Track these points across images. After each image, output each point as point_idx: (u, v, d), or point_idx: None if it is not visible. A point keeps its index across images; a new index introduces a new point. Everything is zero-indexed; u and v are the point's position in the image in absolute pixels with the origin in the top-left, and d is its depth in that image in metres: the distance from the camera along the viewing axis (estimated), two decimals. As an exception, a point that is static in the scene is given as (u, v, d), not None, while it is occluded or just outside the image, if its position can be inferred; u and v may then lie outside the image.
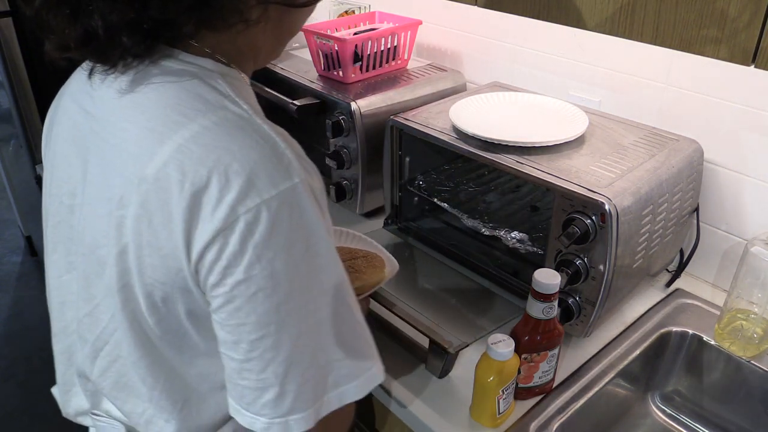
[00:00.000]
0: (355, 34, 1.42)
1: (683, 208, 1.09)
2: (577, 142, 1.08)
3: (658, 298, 1.17)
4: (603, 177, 0.97)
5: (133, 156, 0.61)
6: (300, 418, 0.62)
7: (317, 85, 1.38)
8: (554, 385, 0.97)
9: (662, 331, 1.09)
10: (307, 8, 0.71)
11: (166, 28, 0.59)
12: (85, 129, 0.68)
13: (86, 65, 0.65)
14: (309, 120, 1.40)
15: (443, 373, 0.96)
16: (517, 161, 1.02)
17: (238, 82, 0.66)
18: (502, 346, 0.85)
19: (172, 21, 0.58)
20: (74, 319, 0.75)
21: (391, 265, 1.06)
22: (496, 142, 1.06)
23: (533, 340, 0.89)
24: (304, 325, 0.60)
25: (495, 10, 0.98)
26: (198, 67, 0.63)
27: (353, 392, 0.65)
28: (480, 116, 1.17)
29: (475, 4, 0.99)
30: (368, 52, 1.38)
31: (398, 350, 1.04)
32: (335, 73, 1.40)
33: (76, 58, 0.63)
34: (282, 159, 0.59)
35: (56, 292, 0.78)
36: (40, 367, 2.37)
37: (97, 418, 0.79)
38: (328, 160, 1.35)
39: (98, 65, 0.62)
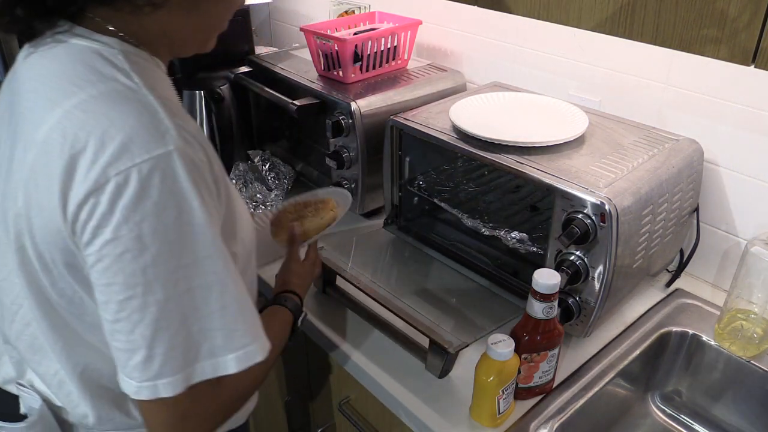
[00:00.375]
0: (355, 34, 1.42)
1: (683, 208, 1.09)
2: (577, 142, 1.08)
3: (658, 298, 1.17)
4: (603, 177, 0.97)
5: (31, 122, 0.66)
6: (168, 382, 0.64)
7: (317, 85, 1.38)
8: (554, 385, 0.97)
9: (662, 331, 1.09)
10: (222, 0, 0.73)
11: (65, 4, 0.64)
12: (8, 105, 0.73)
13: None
14: (309, 120, 1.40)
15: (443, 373, 0.96)
16: (517, 161, 1.02)
17: (143, 62, 0.68)
18: (502, 346, 0.85)
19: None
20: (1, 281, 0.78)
21: (343, 203, 1.07)
22: (496, 142, 1.06)
23: (533, 340, 0.89)
24: (171, 290, 0.62)
25: (495, 10, 0.98)
26: (101, 44, 0.67)
27: (231, 365, 0.67)
28: (480, 116, 1.17)
29: (475, 4, 0.99)
30: (368, 52, 1.38)
31: (398, 350, 1.04)
32: (335, 73, 1.40)
33: None
34: (159, 126, 0.61)
35: None
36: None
37: (21, 388, 0.81)
38: (328, 160, 1.35)
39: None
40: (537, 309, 0.87)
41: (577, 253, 0.96)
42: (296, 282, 0.98)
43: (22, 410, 0.81)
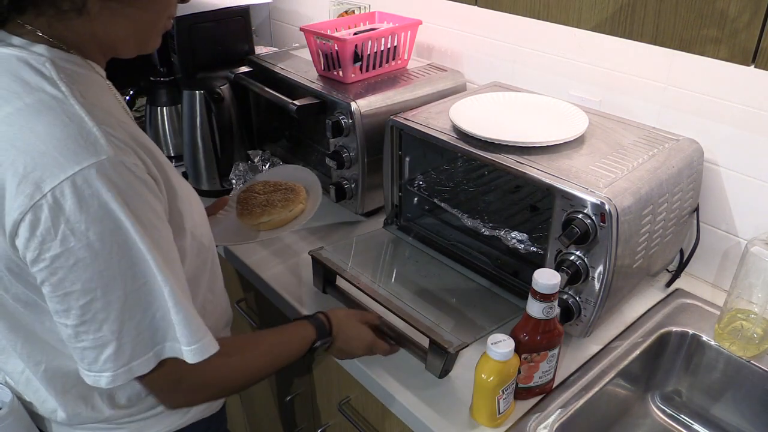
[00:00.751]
0: (355, 34, 1.42)
1: (683, 208, 1.09)
2: (577, 142, 1.08)
3: (658, 298, 1.17)
4: (603, 177, 0.97)
5: None
6: (141, 362, 0.69)
7: (317, 85, 1.38)
8: (554, 385, 0.97)
9: (662, 331, 1.09)
10: (147, 6, 0.72)
11: (26, 14, 0.65)
12: None
13: None
14: (309, 120, 1.40)
15: (443, 373, 0.96)
16: (517, 161, 1.02)
17: (74, 68, 0.69)
18: (502, 346, 0.85)
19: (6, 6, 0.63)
20: None
21: (313, 199, 1.06)
22: (496, 142, 1.06)
23: (533, 340, 0.89)
24: (129, 286, 0.65)
25: (495, 10, 0.98)
26: (29, 52, 0.67)
27: (188, 356, 0.71)
28: (480, 116, 1.17)
29: (475, 4, 0.99)
30: (368, 52, 1.38)
31: (398, 350, 1.04)
32: (335, 73, 1.40)
33: None
34: (88, 137, 0.62)
35: None
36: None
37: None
38: (328, 160, 1.35)
39: None
40: (537, 309, 0.87)
41: (577, 253, 0.96)
42: (340, 319, 0.96)
43: None
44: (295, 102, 1.33)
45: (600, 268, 0.95)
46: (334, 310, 0.98)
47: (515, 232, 1.08)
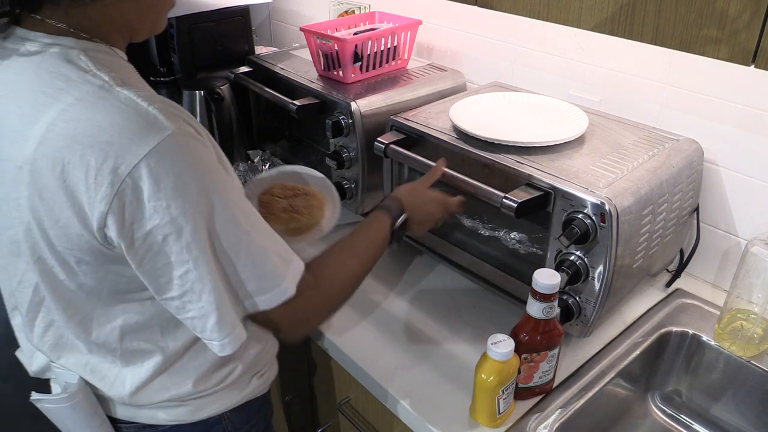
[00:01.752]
0: (355, 34, 1.42)
1: (683, 208, 1.09)
2: (577, 142, 1.08)
3: (658, 298, 1.17)
4: (603, 177, 0.97)
5: (12, 140, 0.66)
6: (240, 330, 0.74)
7: (317, 85, 1.38)
8: (554, 385, 0.97)
9: (662, 331, 1.09)
10: None
11: (6, 6, 0.65)
12: None
13: None
14: (309, 120, 1.41)
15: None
16: (517, 161, 1.02)
17: (104, 56, 0.69)
18: (502, 346, 0.85)
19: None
20: (10, 292, 0.82)
21: (332, 206, 1.06)
22: (496, 142, 1.06)
23: (533, 340, 0.89)
24: (212, 255, 0.68)
25: (495, 10, 0.98)
26: (58, 46, 0.67)
27: (264, 303, 0.76)
28: (480, 116, 1.17)
29: (475, 4, 0.99)
30: (368, 52, 1.38)
31: (398, 350, 1.04)
32: (335, 73, 1.40)
33: None
34: (147, 117, 0.63)
35: (2, 274, 0.83)
36: (40, 367, 2.37)
37: (57, 368, 0.84)
38: (328, 160, 1.35)
39: None
40: (537, 309, 0.87)
41: (577, 253, 0.96)
42: (404, 192, 1.00)
43: (58, 387, 0.85)
44: (295, 102, 1.33)
45: (600, 268, 0.95)
46: (398, 188, 1.02)
47: (515, 233, 1.08)
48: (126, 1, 0.71)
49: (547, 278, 0.85)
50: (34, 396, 0.84)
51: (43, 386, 0.90)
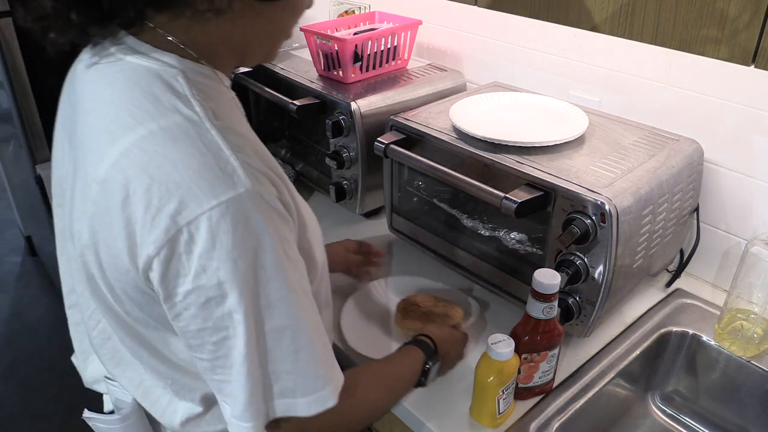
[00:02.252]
0: (355, 34, 1.42)
1: (683, 208, 1.09)
2: (577, 142, 1.08)
3: (658, 298, 1.17)
4: (603, 177, 0.97)
5: (90, 153, 0.63)
6: (262, 417, 0.66)
7: (317, 85, 1.38)
8: (554, 385, 0.97)
9: (662, 331, 1.09)
10: (287, 5, 0.67)
11: (122, 8, 0.59)
12: (69, 117, 0.71)
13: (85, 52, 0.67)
14: (309, 120, 1.40)
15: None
16: (517, 161, 1.02)
17: (205, 80, 0.65)
18: (502, 346, 0.85)
19: (127, 2, 0.59)
20: (71, 288, 0.81)
21: (465, 311, 1.08)
22: (496, 142, 1.06)
23: (533, 340, 0.89)
24: (253, 331, 0.61)
25: (495, 10, 0.98)
26: (160, 62, 0.63)
27: (302, 408, 0.66)
28: (480, 116, 1.17)
29: (475, 4, 0.99)
30: (368, 52, 1.38)
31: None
32: (335, 73, 1.40)
33: (38, 29, 0.64)
34: (225, 168, 0.58)
35: (65, 268, 0.83)
36: (40, 367, 2.37)
37: (111, 383, 0.82)
38: (328, 160, 1.35)
39: (57, 39, 0.63)
40: (537, 309, 0.87)
41: (577, 253, 0.96)
42: (441, 337, 0.95)
43: (110, 405, 0.83)
44: (295, 102, 1.33)
45: (600, 268, 0.95)
46: (430, 329, 0.97)
47: (515, 233, 1.08)
48: (253, 21, 0.65)
49: (547, 278, 0.85)
50: (86, 414, 0.82)
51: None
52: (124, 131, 0.60)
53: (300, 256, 0.66)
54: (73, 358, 0.91)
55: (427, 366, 0.90)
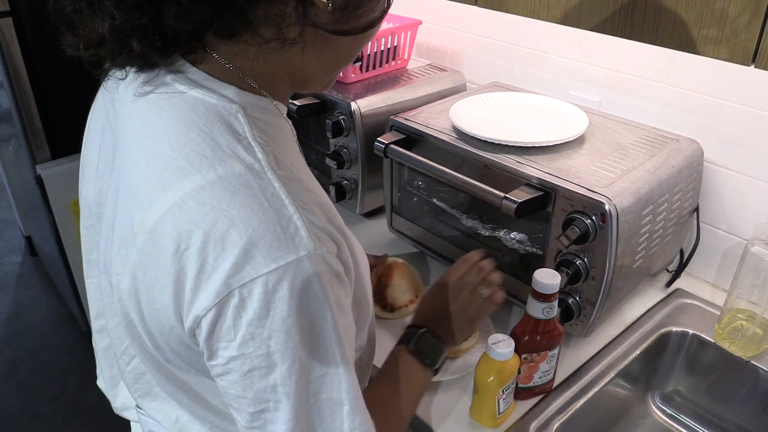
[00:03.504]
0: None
1: (683, 208, 1.09)
2: (577, 142, 1.08)
3: (658, 298, 1.17)
4: (603, 177, 0.97)
5: (136, 197, 0.58)
6: None
7: (317, 85, 1.37)
8: (554, 386, 0.97)
9: (662, 331, 1.09)
10: (358, 36, 0.61)
11: (186, 36, 0.54)
12: (108, 142, 0.67)
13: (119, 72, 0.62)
14: (309, 120, 1.40)
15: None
16: (517, 161, 1.02)
17: (265, 116, 0.60)
18: (502, 346, 0.85)
19: (190, 30, 0.53)
20: (110, 325, 0.76)
21: (478, 336, 1.05)
22: (496, 142, 1.06)
23: (533, 339, 0.89)
24: (303, 404, 0.57)
25: (495, 10, 0.98)
26: (218, 96, 0.57)
27: None
28: (480, 116, 1.17)
29: (475, 4, 0.99)
30: (368, 52, 1.38)
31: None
32: (335, 73, 1.40)
33: (89, 58, 0.59)
34: (287, 228, 0.53)
35: (93, 291, 0.78)
36: (40, 367, 2.37)
37: (142, 413, 0.78)
38: (328, 160, 1.35)
39: (112, 69, 0.59)
40: (537, 309, 0.87)
41: (577, 253, 0.96)
42: (424, 317, 0.87)
43: (139, 429, 0.80)
44: (295, 102, 1.33)
45: (600, 268, 0.95)
46: (417, 313, 0.90)
47: (515, 233, 1.08)
48: (314, 55, 0.61)
49: (547, 278, 0.85)
50: None
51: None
52: (178, 178, 0.55)
53: (352, 323, 0.62)
54: (100, 383, 0.87)
55: (427, 361, 0.82)
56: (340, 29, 0.58)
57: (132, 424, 0.88)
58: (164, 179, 0.55)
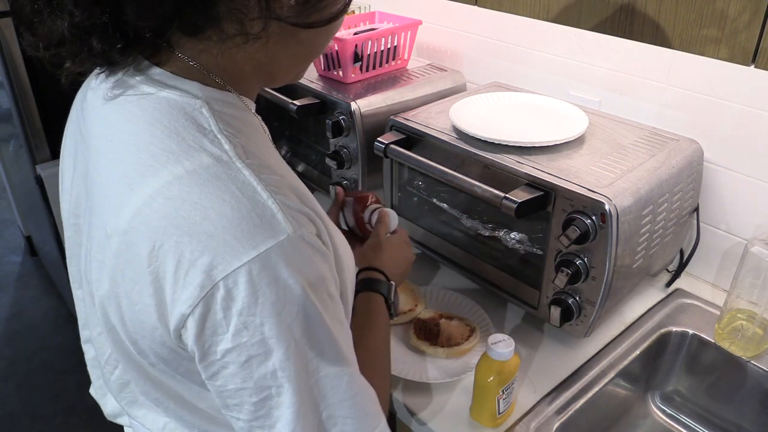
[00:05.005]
0: (355, 34, 1.42)
1: (683, 208, 1.09)
2: (577, 142, 1.08)
3: (658, 298, 1.17)
4: (603, 177, 0.97)
5: (107, 200, 0.57)
6: None
7: (317, 85, 1.38)
8: (554, 386, 0.97)
9: (662, 331, 1.09)
10: (323, 28, 0.61)
11: (147, 34, 0.53)
12: (81, 151, 0.66)
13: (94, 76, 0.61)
14: (309, 120, 1.41)
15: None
16: (517, 161, 1.02)
17: (230, 109, 0.59)
18: (502, 346, 0.85)
19: (152, 27, 0.52)
20: (93, 335, 0.75)
21: (478, 337, 1.06)
22: (496, 142, 1.06)
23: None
24: (304, 385, 0.56)
25: (495, 10, 0.98)
26: (180, 92, 0.57)
27: None
28: (480, 116, 1.17)
29: (475, 4, 0.99)
30: (368, 52, 1.38)
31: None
32: (335, 73, 1.40)
33: (49, 58, 0.57)
34: (263, 214, 0.52)
35: (80, 304, 0.78)
36: (40, 367, 2.37)
37: (134, 421, 0.78)
38: (328, 160, 1.35)
39: (73, 69, 0.57)
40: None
41: (577, 253, 0.96)
42: (387, 258, 0.91)
43: None
44: (295, 102, 1.33)
45: (600, 268, 0.95)
46: (364, 254, 0.92)
47: (515, 233, 1.08)
48: (280, 49, 0.60)
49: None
50: None
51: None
52: (145, 176, 0.54)
53: (340, 301, 0.62)
54: (92, 391, 0.87)
55: (390, 303, 0.85)
56: (303, 22, 0.57)
57: (125, 429, 0.88)
58: (132, 179, 0.55)
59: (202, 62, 0.57)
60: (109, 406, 0.84)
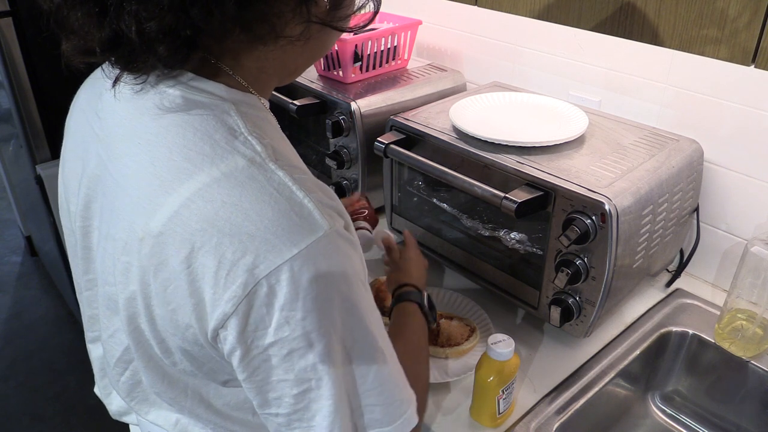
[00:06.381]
0: (354, 34, 1.42)
1: (683, 208, 1.09)
2: (577, 142, 1.08)
3: (658, 298, 1.17)
4: (603, 177, 0.97)
5: (136, 202, 0.57)
6: None
7: (317, 85, 1.38)
8: (554, 386, 0.97)
9: (662, 331, 1.09)
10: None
11: (210, 39, 0.54)
12: (94, 153, 0.65)
13: (107, 72, 0.60)
14: (309, 120, 1.41)
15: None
16: (517, 161, 1.02)
17: (254, 111, 0.60)
18: (502, 346, 0.85)
19: (216, 30, 0.53)
20: (104, 336, 0.75)
21: (478, 338, 1.06)
22: (496, 142, 1.06)
23: None
24: (341, 375, 0.58)
25: (495, 10, 0.98)
26: (208, 95, 0.57)
27: None
28: (480, 116, 1.17)
29: (475, 4, 0.99)
30: (368, 52, 1.38)
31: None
32: (335, 73, 1.40)
33: (99, 62, 0.58)
34: (301, 212, 0.54)
35: (85, 305, 0.78)
36: (40, 367, 2.37)
37: (142, 419, 0.78)
38: (328, 160, 1.35)
39: (125, 74, 0.57)
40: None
41: (577, 253, 0.96)
42: (409, 274, 0.97)
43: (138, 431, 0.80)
44: (295, 102, 1.33)
45: (600, 268, 0.95)
46: (399, 276, 0.98)
47: (515, 233, 1.08)
48: (304, 47, 0.61)
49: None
50: None
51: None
52: (181, 179, 0.55)
53: (366, 278, 0.63)
54: (96, 390, 0.88)
55: (426, 310, 0.90)
56: (335, 24, 0.60)
57: (131, 427, 0.88)
58: (166, 182, 0.55)
59: (226, 63, 0.58)
60: (114, 405, 0.84)
